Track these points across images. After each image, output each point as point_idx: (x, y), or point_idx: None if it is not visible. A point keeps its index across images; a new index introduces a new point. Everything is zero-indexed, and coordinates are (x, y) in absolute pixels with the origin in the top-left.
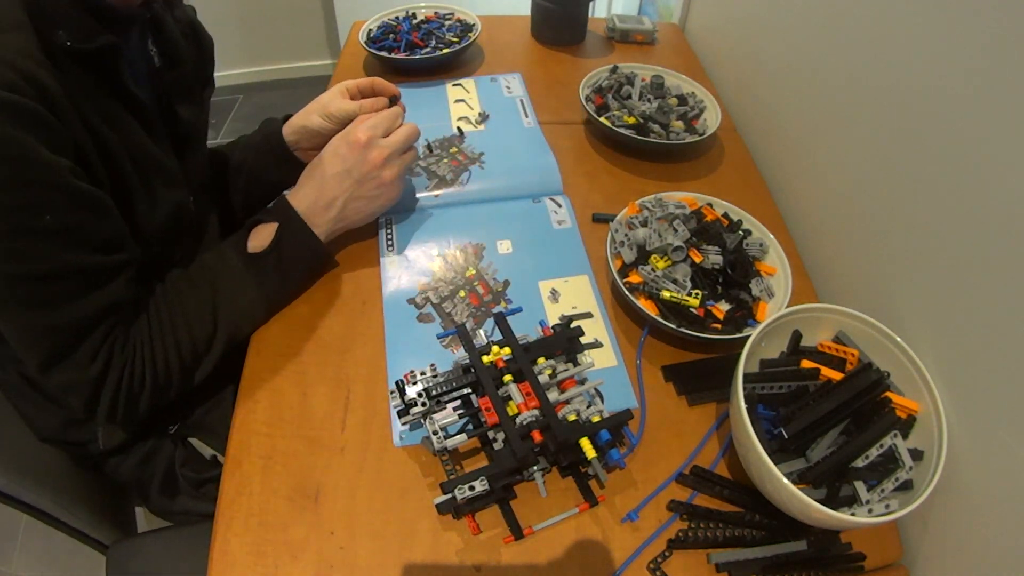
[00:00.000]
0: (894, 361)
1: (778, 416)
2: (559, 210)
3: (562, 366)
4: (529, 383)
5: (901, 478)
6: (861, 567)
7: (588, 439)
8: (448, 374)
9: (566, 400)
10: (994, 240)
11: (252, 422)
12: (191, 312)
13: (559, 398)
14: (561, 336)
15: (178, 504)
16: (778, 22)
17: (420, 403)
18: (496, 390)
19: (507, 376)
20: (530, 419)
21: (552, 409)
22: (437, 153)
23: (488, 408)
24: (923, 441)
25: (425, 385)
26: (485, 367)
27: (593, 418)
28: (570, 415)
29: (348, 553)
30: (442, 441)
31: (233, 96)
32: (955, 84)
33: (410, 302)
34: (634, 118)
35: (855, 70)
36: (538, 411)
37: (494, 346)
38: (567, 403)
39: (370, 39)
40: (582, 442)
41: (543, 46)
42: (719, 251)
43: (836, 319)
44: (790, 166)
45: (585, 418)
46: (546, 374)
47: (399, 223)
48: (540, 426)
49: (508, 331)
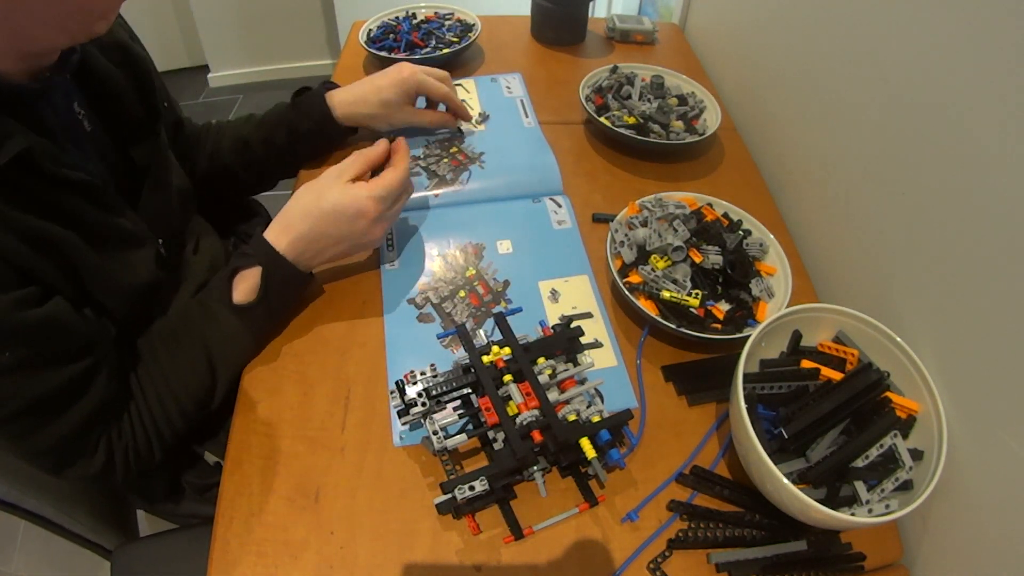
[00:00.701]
0: (894, 361)
1: (778, 416)
2: (559, 210)
3: (562, 366)
4: (529, 383)
5: (901, 478)
6: (861, 567)
7: (588, 439)
8: (448, 374)
9: (566, 400)
10: (994, 240)
11: (252, 422)
12: (186, 373)
13: (559, 398)
14: (561, 336)
15: (183, 507)
16: (778, 22)
17: (420, 403)
18: (496, 390)
19: (507, 376)
20: (530, 419)
21: (552, 409)
22: (437, 152)
23: (488, 408)
24: (923, 441)
25: (425, 385)
26: (485, 367)
27: (593, 418)
28: (570, 415)
29: (348, 553)
30: (442, 441)
31: (233, 96)
32: (956, 83)
33: (410, 302)
34: (634, 118)
35: (855, 70)
36: (538, 411)
37: (494, 346)
38: (567, 403)
39: (370, 39)
40: (582, 442)
41: (543, 46)
42: (719, 251)
43: (836, 319)
44: (790, 166)
45: (585, 418)
46: (546, 374)
47: (399, 223)
48: (540, 426)
49: (508, 331)
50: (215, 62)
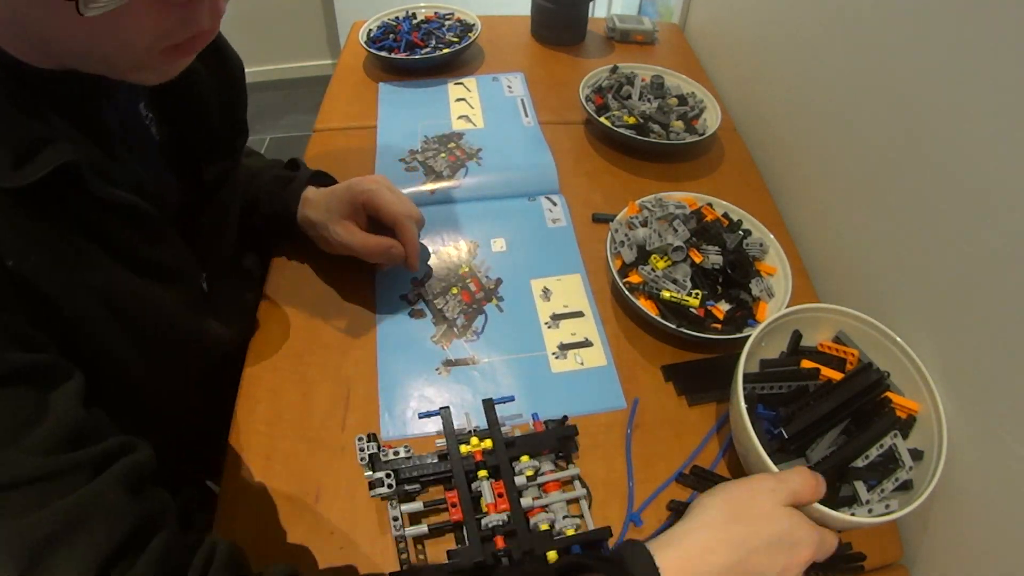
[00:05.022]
0: (894, 361)
1: (778, 416)
2: (554, 208)
3: (548, 465)
4: (504, 483)
5: (901, 478)
6: (861, 567)
7: (556, 553)
8: (423, 459)
9: (544, 505)
10: (994, 240)
11: (252, 422)
12: None
13: (535, 503)
14: (551, 434)
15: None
16: (778, 22)
17: (387, 484)
18: (468, 486)
19: (482, 471)
20: (496, 523)
21: (523, 515)
22: (435, 147)
23: (455, 504)
24: (923, 441)
25: (397, 467)
26: (460, 459)
27: (567, 531)
28: (543, 524)
29: (348, 553)
30: (400, 529)
31: None
32: (956, 82)
33: (402, 298)
34: (634, 118)
35: (855, 70)
36: (507, 514)
37: (474, 437)
38: (545, 508)
39: (370, 39)
40: (549, 555)
41: (543, 46)
42: (719, 251)
43: (836, 319)
44: (790, 166)
45: (559, 530)
46: (525, 475)
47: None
48: (504, 532)
49: (494, 421)
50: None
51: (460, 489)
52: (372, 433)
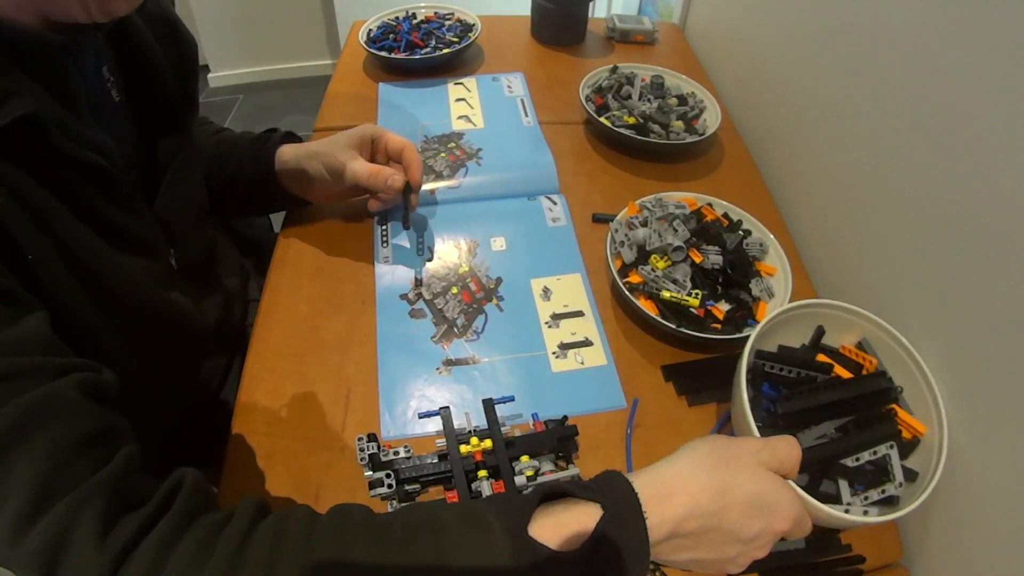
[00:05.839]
0: (910, 379)
1: (780, 396)
2: (554, 208)
3: (548, 465)
4: (504, 483)
5: (888, 492)
6: (860, 570)
7: None
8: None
9: None
10: (995, 240)
11: (252, 422)
12: None
13: None
14: (551, 434)
15: None
16: (778, 22)
17: (387, 484)
18: (468, 486)
19: (482, 471)
20: None
21: None
22: (435, 147)
23: None
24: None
25: (397, 467)
26: (460, 459)
27: None
28: None
29: None
30: None
31: (233, 96)
32: (957, 82)
33: (402, 298)
34: (634, 118)
35: (855, 69)
36: None
37: (474, 437)
38: None
39: (370, 39)
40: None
41: (543, 46)
42: (719, 251)
43: (863, 325)
44: (790, 166)
45: None
46: (525, 475)
47: (394, 219)
48: None
49: (494, 421)
50: (215, 62)
51: (460, 489)
52: (372, 433)
